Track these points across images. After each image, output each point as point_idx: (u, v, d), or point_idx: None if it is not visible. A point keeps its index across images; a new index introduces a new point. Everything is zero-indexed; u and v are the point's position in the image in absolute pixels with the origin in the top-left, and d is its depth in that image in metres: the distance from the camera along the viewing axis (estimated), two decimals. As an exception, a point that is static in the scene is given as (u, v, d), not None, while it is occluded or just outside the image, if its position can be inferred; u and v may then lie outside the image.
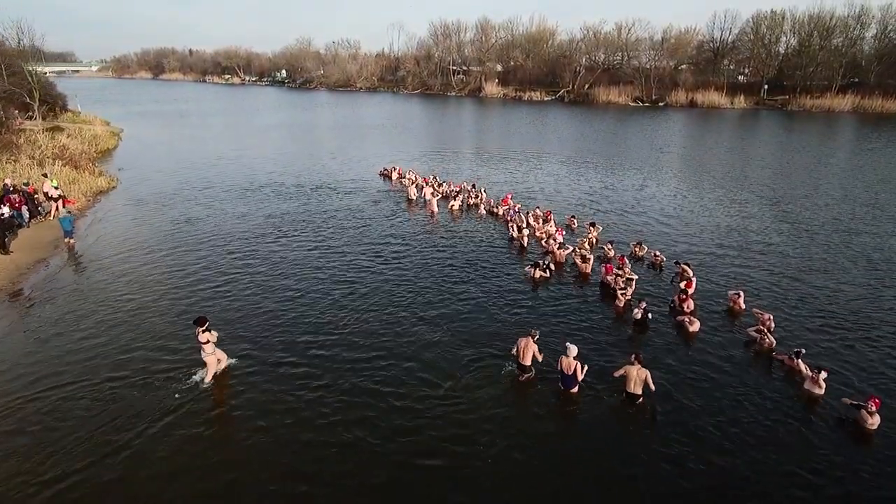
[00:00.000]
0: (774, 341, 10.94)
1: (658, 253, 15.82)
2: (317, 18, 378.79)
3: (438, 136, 47.96)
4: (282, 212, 21.26)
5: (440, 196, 22.91)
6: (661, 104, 79.82)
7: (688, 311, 12.37)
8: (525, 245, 17.31)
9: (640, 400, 9.32)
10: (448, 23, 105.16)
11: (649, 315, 12.05)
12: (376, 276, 14.99)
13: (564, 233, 18.06)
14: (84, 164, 26.63)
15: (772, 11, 79.47)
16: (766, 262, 16.59)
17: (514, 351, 10.15)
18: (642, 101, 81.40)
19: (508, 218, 19.57)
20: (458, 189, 23.71)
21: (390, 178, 27.24)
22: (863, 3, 74.85)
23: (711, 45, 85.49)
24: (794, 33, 79.35)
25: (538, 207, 20.72)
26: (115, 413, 9.04)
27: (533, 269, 14.59)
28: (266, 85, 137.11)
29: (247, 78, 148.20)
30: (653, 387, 9.26)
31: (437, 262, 16.11)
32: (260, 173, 28.70)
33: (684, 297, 12.56)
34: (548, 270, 14.78)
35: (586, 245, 16.89)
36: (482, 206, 21.58)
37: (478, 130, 52.87)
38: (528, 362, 9.92)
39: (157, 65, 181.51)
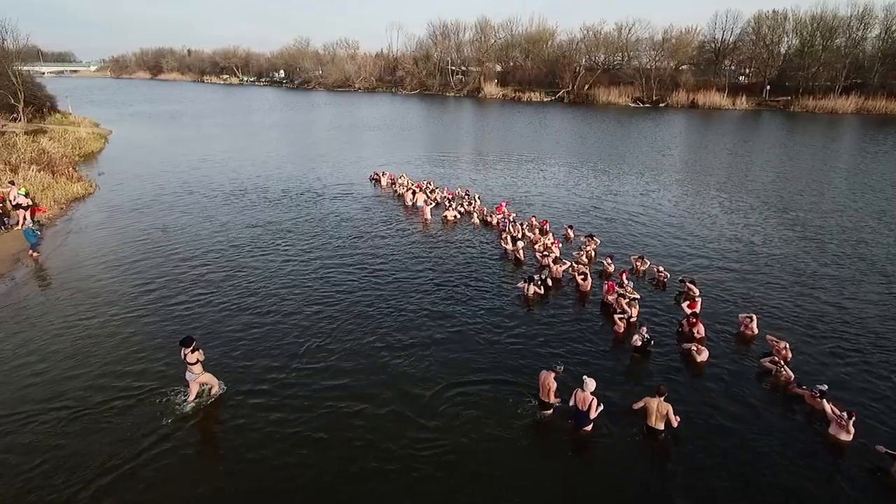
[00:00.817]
0: (792, 374, 9.84)
1: (661, 269, 14.62)
2: (316, 18, 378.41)
3: (435, 138, 46.88)
4: (264, 220, 20.18)
5: (434, 204, 21.74)
6: (661, 105, 78.85)
7: (698, 336, 11.30)
8: (522, 258, 16.23)
9: (662, 436, 8.45)
10: (447, 23, 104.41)
11: (651, 342, 10.97)
12: (359, 293, 13.90)
13: (561, 245, 16.94)
14: (62, 168, 25.55)
15: (773, 11, 78.51)
16: (774, 275, 15.53)
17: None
18: (643, 102, 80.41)
19: (502, 228, 18.47)
20: (450, 196, 22.59)
21: (380, 182, 26.16)
22: (866, 3, 73.81)
23: (713, 45, 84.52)
24: (795, 33, 78.33)
25: (533, 217, 19.61)
26: (80, 447, 8.13)
27: (527, 285, 13.52)
28: (264, 85, 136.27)
29: (245, 78, 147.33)
30: (675, 422, 8.36)
31: (425, 277, 15.02)
32: (245, 177, 27.63)
33: (694, 320, 11.45)
34: (542, 287, 13.72)
35: (584, 258, 15.82)
36: (475, 215, 20.46)
37: (475, 132, 51.76)
38: (548, 399, 8.95)
39: (155, 65, 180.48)
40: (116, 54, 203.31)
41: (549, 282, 14.06)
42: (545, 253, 15.69)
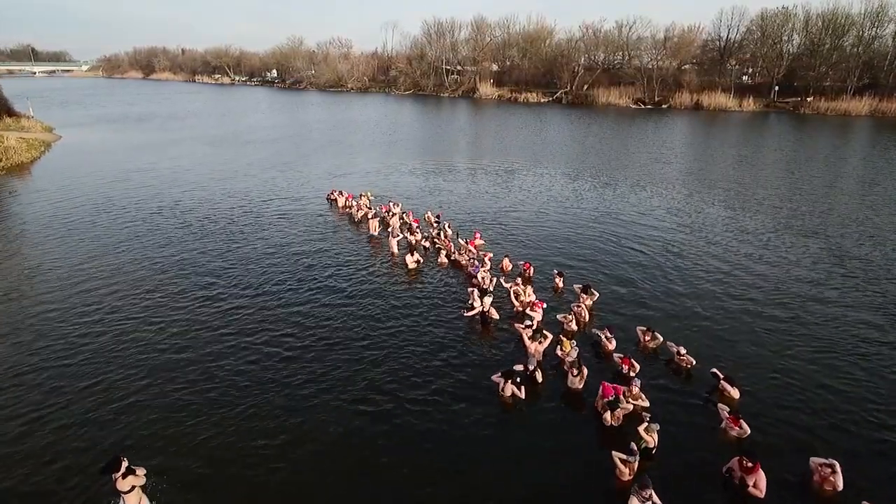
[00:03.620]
0: None
1: (683, 351, 10.42)
2: (316, 18, 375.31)
3: (423, 142, 42.53)
4: (177, 258, 16.09)
5: (399, 236, 17.27)
6: (664, 106, 74.76)
7: (755, 494, 7.11)
8: (494, 317, 12.15)
9: None
10: (442, 21, 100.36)
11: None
12: (274, 381, 9.94)
13: (546, 305, 12.45)
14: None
15: (783, 8, 74.35)
16: (831, 340, 11.53)
17: None
18: (644, 103, 76.34)
19: (472, 273, 14.32)
20: (415, 223, 18.41)
21: (338, 204, 22.06)
22: (880, 1, 69.46)
23: (717, 44, 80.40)
24: (805, 32, 74.15)
25: (507, 256, 15.36)
26: None
27: (503, 383, 9.45)
28: (255, 85, 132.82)
29: (236, 78, 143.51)
30: None
31: (367, 361, 10.95)
32: (180, 194, 23.46)
33: (749, 464, 7.23)
34: (521, 387, 9.66)
35: (573, 324, 11.72)
36: (443, 252, 16.30)
37: (467, 136, 47.36)
38: None
39: (147, 64, 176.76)
40: (109, 54, 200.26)
41: (538, 374, 9.97)
42: (528, 322, 11.49)
